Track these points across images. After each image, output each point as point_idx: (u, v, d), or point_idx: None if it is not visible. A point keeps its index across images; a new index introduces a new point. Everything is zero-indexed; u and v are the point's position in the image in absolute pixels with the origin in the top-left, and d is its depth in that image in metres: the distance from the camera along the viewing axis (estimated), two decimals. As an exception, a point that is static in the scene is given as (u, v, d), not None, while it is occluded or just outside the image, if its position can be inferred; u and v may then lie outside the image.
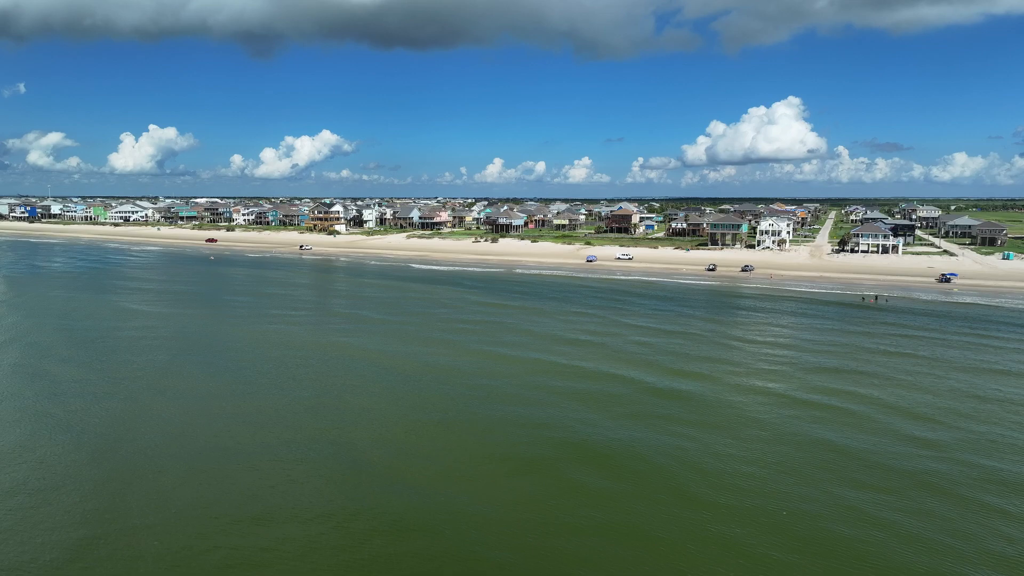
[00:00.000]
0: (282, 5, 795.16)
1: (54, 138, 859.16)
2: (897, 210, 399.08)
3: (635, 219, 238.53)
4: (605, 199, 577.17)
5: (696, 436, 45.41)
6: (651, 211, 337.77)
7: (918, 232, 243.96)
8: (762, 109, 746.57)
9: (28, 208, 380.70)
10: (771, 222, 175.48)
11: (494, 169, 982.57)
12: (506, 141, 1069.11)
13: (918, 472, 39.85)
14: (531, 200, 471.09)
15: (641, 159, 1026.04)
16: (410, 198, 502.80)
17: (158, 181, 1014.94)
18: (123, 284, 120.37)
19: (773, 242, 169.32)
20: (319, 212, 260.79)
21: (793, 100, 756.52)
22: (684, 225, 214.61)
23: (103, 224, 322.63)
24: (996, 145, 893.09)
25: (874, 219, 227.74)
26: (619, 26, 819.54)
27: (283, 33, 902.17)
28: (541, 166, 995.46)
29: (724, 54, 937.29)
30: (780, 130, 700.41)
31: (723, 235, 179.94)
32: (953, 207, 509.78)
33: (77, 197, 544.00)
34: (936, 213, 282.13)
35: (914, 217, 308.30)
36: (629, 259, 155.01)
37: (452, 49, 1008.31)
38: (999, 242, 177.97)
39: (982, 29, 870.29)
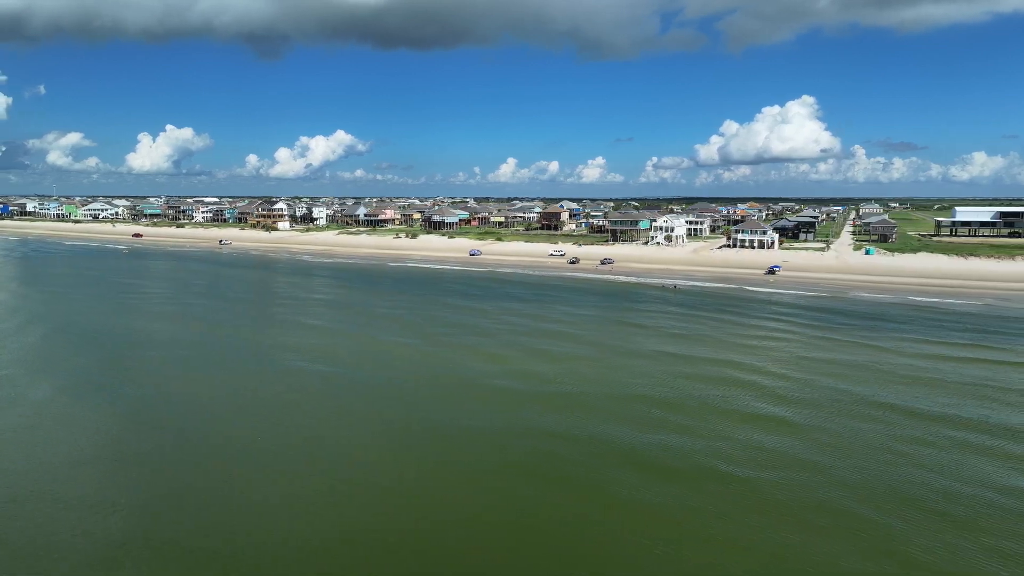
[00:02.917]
0: (284, 6, 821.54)
1: (73, 138, 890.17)
2: (854, 208, 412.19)
3: (564, 216, 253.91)
4: (616, 199, 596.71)
5: (366, 374, 61.19)
6: (596, 210, 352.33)
7: (846, 230, 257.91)
8: (776, 108, 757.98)
9: (1, 206, 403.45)
10: (665, 219, 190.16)
11: (507, 169, 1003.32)
12: (517, 141, 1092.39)
13: (500, 388, 55.47)
14: (522, 199, 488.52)
15: (655, 159, 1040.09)
16: (419, 198, 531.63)
17: (175, 181, 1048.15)
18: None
19: (664, 238, 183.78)
20: (263, 209, 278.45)
21: (807, 99, 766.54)
22: (604, 223, 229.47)
23: (67, 221, 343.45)
24: (1014, 144, 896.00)
25: (772, 220, 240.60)
26: (621, 26, 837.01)
27: (287, 34, 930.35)
28: (554, 166, 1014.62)
29: (728, 53, 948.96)
30: (793, 129, 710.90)
31: (622, 231, 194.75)
32: (936, 206, 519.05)
33: (80, 196, 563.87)
34: (863, 211, 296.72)
35: (861, 214, 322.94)
36: (562, 255, 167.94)
37: (454, 49, 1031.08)
38: (890, 238, 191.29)
39: (988, 28, 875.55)
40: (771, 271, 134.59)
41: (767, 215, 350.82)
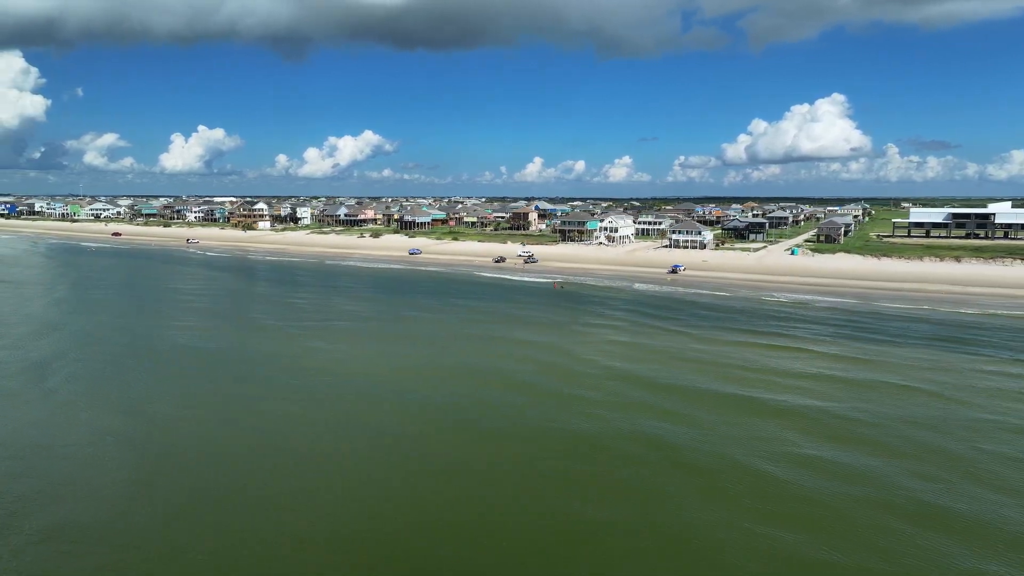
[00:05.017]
0: (305, 8, 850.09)
1: (109, 139, 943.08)
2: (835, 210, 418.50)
3: (532, 217, 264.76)
4: (641, 199, 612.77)
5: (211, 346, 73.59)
6: (599, 211, 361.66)
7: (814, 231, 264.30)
8: (805, 107, 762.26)
9: (8, 206, 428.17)
10: (610, 219, 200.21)
11: (534, 168, 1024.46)
12: (543, 140, 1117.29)
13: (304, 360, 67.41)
14: (542, 199, 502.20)
15: (682, 158, 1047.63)
16: (434, 198, 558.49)
17: (206, 180, 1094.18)
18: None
19: (605, 238, 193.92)
20: (244, 210, 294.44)
21: (838, 97, 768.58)
22: (561, 223, 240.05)
23: (69, 220, 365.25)
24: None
25: (744, 219, 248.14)
26: (640, 25, 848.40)
27: (309, 36, 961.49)
28: (581, 165, 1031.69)
29: (749, 52, 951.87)
30: (823, 128, 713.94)
31: (570, 231, 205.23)
32: (944, 205, 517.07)
33: (105, 196, 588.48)
34: (840, 211, 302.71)
35: (835, 214, 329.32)
36: (530, 255, 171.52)
37: (473, 50, 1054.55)
38: (836, 239, 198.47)
39: (1019, 24, 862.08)
40: (673, 270, 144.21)
41: (753, 215, 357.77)
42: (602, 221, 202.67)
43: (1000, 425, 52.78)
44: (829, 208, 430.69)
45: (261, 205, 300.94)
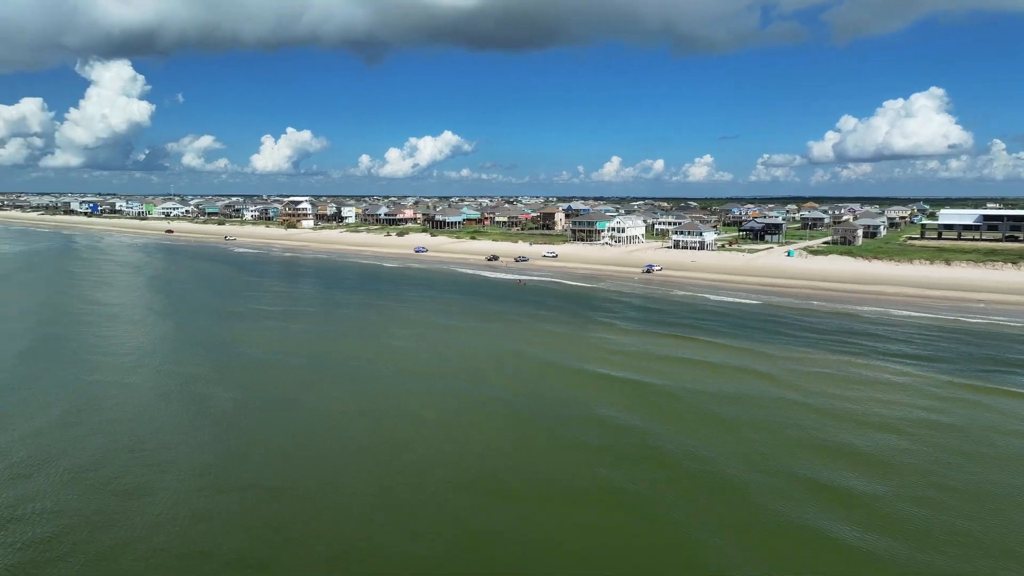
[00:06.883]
0: (380, 13, 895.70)
1: (205, 141, 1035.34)
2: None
3: (558, 217, 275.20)
4: (720, 198, 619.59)
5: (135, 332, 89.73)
6: (626, 209, 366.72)
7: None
8: (899, 102, 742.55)
9: (92, 205, 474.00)
10: (617, 221, 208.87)
11: (611, 168, 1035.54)
12: (620, 139, 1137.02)
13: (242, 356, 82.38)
14: (612, 199, 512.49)
15: (765, 156, 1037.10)
16: (503, 197, 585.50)
17: (293, 180, 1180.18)
18: None
19: (610, 238, 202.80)
20: (289, 209, 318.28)
21: (936, 91, 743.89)
22: (573, 224, 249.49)
23: (139, 219, 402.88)
24: None
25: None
26: (716, 21, 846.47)
27: (386, 40, 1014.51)
28: (659, 164, 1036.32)
29: (835, 46, 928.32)
30: (918, 124, 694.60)
31: (581, 231, 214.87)
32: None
33: (197, 195, 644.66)
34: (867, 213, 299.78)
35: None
36: (554, 256, 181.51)
37: (546, 50, 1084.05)
38: (851, 242, 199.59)
39: None
40: (647, 270, 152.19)
41: (796, 218, 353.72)
42: (610, 222, 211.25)
43: (786, 400, 60.96)
44: (881, 209, 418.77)
45: (305, 205, 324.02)
